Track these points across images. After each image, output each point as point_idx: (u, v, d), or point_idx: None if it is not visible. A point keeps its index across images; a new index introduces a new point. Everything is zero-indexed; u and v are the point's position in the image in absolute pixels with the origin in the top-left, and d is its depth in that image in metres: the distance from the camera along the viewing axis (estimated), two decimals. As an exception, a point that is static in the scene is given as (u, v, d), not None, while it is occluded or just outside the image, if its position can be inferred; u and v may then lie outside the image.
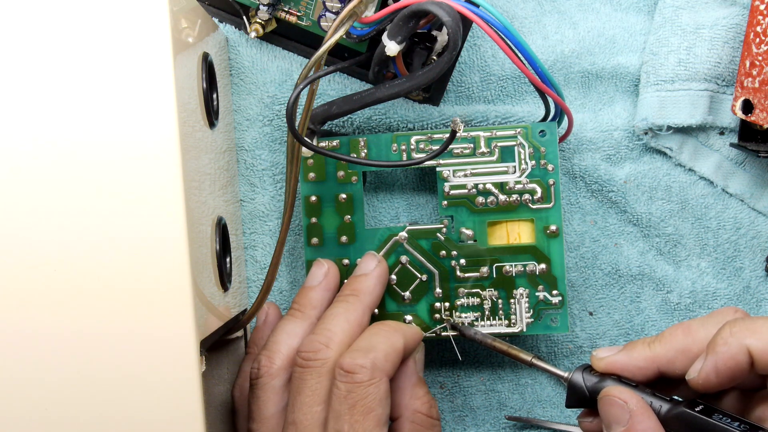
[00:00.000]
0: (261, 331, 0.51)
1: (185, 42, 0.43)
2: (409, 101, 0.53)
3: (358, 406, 0.43)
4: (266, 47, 0.54)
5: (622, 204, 0.54)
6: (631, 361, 0.44)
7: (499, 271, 0.51)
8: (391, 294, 0.52)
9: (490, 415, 0.55)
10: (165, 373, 0.39)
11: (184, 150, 0.40)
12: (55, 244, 0.39)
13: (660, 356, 0.43)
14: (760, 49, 0.50)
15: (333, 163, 0.52)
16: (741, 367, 0.40)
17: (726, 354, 0.40)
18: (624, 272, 0.55)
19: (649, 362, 0.43)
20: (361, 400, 0.43)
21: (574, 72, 0.54)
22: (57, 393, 0.39)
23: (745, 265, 0.55)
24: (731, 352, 0.40)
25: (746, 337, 0.40)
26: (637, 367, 0.44)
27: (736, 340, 0.40)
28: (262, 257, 0.55)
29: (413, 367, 0.48)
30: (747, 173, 0.54)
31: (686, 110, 0.53)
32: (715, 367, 0.40)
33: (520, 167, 0.51)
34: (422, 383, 0.48)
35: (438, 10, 0.43)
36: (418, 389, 0.47)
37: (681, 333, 0.43)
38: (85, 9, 0.39)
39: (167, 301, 0.39)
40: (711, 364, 0.40)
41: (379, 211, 0.55)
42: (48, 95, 0.39)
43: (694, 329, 0.43)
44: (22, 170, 0.39)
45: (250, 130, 0.54)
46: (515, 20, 0.55)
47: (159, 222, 0.39)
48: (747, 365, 0.40)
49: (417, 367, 0.48)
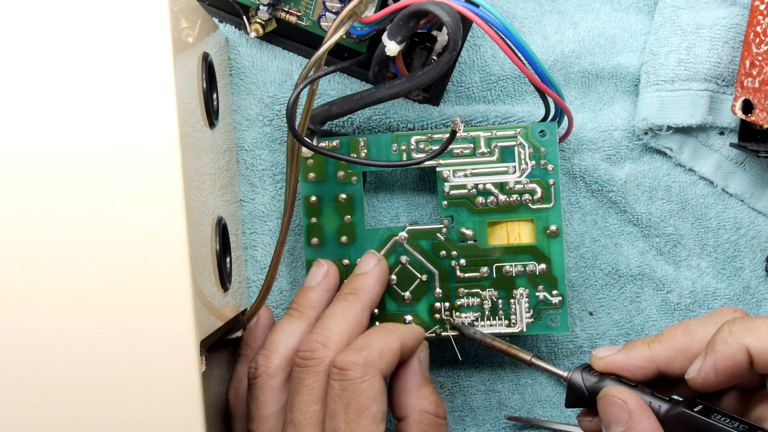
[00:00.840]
0: (253, 332, 0.51)
1: (185, 42, 0.43)
2: (409, 101, 0.53)
3: (352, 404, 0.43)
4: (266, 47, 0.54)
5: (622, 204, 0.54)
6: (630, 361, 0.44)
7: (499, 271, 0.51)
8: (391, 294, 0.52)
9: (490, 415, 0.55)
10: (165, 373, 0.39)
11: (184, 150, 0.40)
12: (55, 244, 0.39)
13: (659, 356, 0.43)
14: (760, 49, 0.50)
15: (333, 163, 0.52)
16: (740, 366, 0.40)
17: (725, 353, 0.40)
18: (624, 272, 0.55)
19: (648, 362, 0.43)
20: (354, 398, 0.43)
21: (574, 72, 0.54)
22: (57, 393, 0.39)
23: (745, 265, 0.55)
24: (730, 351, 0.40)
25: (745, 336, 0.40)
26: (636, 367, 0.44)
27: (735, 339, 0.40)
28: (262, 257, 0.55)
29: (417, 366, 0.48)
30: (747, 173, 0.54)
31: (686, 110, 0.53)
32: (714, 366, 0.40)
33: (520, 167, 0.51)
34: (428, 383, 0.48)
35: (438, 10, 0.43)
36: (424, 389, 0.47)
37: (680, 332, 0.43)
38: (85, 9, 0.39)
39: (167, 301, 0.39)
40: (710, 363, 0.40)
41: (379, 211, 0.55)
42: (48, 95, 0.39)
43: (694, 329, 0.43)
44: (22, 170, 0.39)
45: (250, 130, 0.54)
46: (515, 20, 0.55)
47: (159, 222, 0.39)
48: (746, 365, 0.40)
49: (421, 367, 0.48)
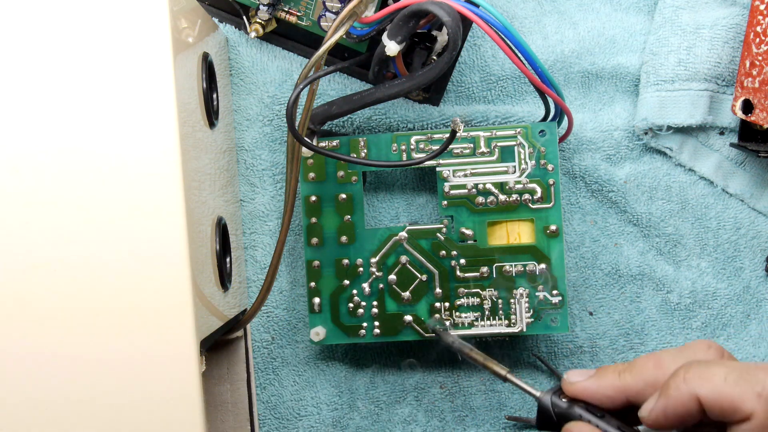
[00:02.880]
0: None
1: (185, 42, 0.43)
2: (409, 101, 0.53)
3: None
4: (266, 47, 0.54)
5: (622, 204, 0.54)
6: (600, 390, 0.43)
7: (499, 271, 0.51)
8: (391, 294, 0.52)
9: (490, 415, 0.55)
10: (165, 373, 0.39)
11: (184, 150, 0.40)
12: (55, 244, 0.39)
13: (629, 387, 0.43)
14: (760, 49, 0.50)
15: (333, 163, 0.52)
16: (690, 413, 0.39)
17: (676, 400, 0.40)
18: (624, 272, 0.55)
19: (618, 392, 0.43)
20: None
21: (574, 72, 0.54)
22: (57, 392, 0.39)
23: (745, 265, 0.55)
24: (681, 399, 0.39)
25: (698, 386, 0.39)
26: (605, 396, 0.43)
27: (687, 387, 0.39)
28: (262, 257, 0.55)
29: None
30: (747, 173, 0.54)
31: (686, 110, 0.53)
32: (664, 410, 0.40)
33: (520, 167, 0.51)
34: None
35: (438, 10, 0.43)
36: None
37: (651, 365, 0.43)
38: (85, 9, 0.39)
39: (167, 301, 0.39)
40: (661, 406, 0.40)
41: (379, 211, 0.55)
42: (48, 95, 0.39)
43: (665, 362, 0.42)
44: (22, 170, 0.39)
45: (250, 130, 0.54)
46: (515, 20, 0.55)
47: (159, 222, 0.39)
48: (697, 412, 0.39)
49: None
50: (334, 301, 0.52)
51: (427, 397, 0.55)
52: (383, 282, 0.52)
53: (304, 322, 0.55)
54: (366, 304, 0.52)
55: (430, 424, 0.55)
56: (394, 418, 0.55)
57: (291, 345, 0.55)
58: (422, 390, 0.55)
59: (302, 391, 0.55)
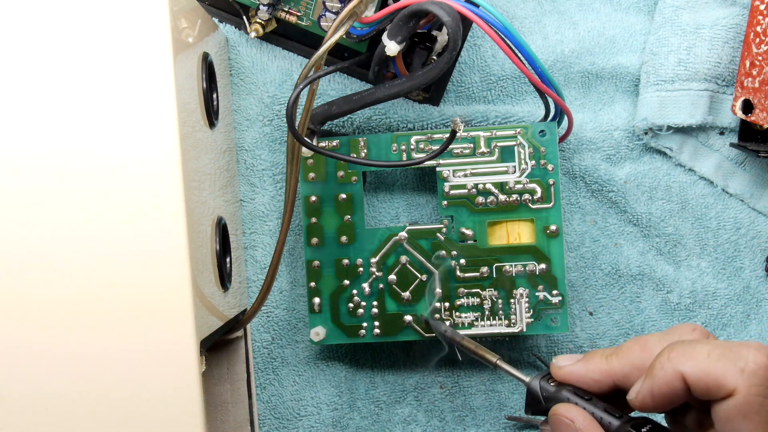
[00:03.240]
0: None
1: (185, 42, 0.43)
2: (409, 101, 0.53)
3: None
4: (266, 47, 0.54)
5: (622, 204, 0.54)
6: (587, 374, 0.44)
7: (499, 271, 0.51)
8: (391, 294, 0.52)
9: (490, 415, 0.55)
10: (165, 373, 0.39)
11: (184, 150, 0.40)
12: (55, 244, 0.39)
13: (616, 371, 0.43)
14: (760, 49, 0.50)
15: (333, 163, 0.52)
16: (676, 392, 0.39)
17: (662, 379, 0.40)
18: (624, 272, 0.55)
19: (605, 376, 0.43)
20: None
21: (574, 72, 0.54)
22: (57, 392, 0.39)
23: (745, 265, 0.55)
24: (667, 378, 0.39)
25: (682, 363, 0.39)
26: (593, 380, 0.43)
27: (672, 365, 0.39)
28: (262, 257, 0.55)
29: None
30: (747, 173, 0.54)
31: (686, 110, 0.53)
32: (651, 391, 0.40)
33: (520, 167, 0.51)
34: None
35: (438, 10, 0.43)
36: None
37: (638, 348, 0.43)
38: (85, 9, 0.39)
39: (167, 300, 0.39)
40: (647, 387, 0.40)
41: (379, 211, 0.55)
42: (48, 95, 0.39)
43: (651, 345, 0.42)
44: (22, 170, 0.39)
45: (250, 130, 0.54)
46: (515, 20, 0.55)
47: (159, 222, 0.39)
48: (682, 391, 0.39)
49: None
50: (334, 301, 0.52)
51: (427, 397, 0.55)
52: (383, 282, 0.52)
53: (304, 322, 0.55)
54: (366, 304, 0.52)
55: (430, 424, 0.55)
56: (394, 418, 0.55)
57: (291, 345, 0.55)
58: (422, 390, 0.55)
59: (302, 391, 0.55)
